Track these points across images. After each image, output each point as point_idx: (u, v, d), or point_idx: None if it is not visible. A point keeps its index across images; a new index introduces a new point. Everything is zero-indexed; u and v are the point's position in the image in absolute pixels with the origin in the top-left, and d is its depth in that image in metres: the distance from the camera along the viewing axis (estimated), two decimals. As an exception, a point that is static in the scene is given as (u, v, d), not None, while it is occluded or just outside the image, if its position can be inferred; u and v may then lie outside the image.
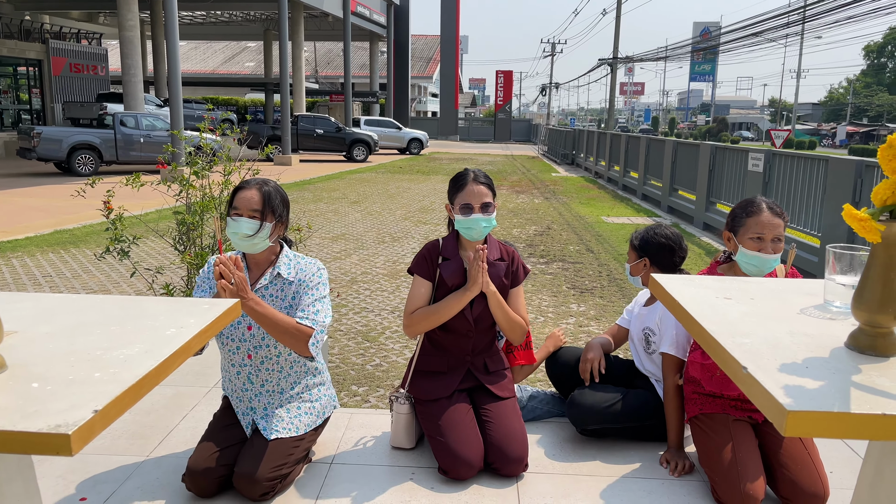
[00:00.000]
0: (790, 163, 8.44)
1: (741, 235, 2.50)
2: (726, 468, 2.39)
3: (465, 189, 2.66)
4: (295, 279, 2.52)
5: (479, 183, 2.67)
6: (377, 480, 2.55)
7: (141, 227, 6.88)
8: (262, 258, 2.55)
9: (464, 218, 2.64)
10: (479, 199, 2.65)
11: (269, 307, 2.37)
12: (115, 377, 1.17)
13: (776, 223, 2.47)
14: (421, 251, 2.77)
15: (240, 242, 2.46)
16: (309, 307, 2.47)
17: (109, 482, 2.47)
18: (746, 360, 1.05)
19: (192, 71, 48.03)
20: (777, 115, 71.18)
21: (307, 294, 2.50)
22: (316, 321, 2.44)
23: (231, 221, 2.45)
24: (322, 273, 2.57)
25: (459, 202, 2.66)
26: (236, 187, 2.54)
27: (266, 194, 2.48)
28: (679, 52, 35.76)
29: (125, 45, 16.92)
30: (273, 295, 2.52)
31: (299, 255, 2.61)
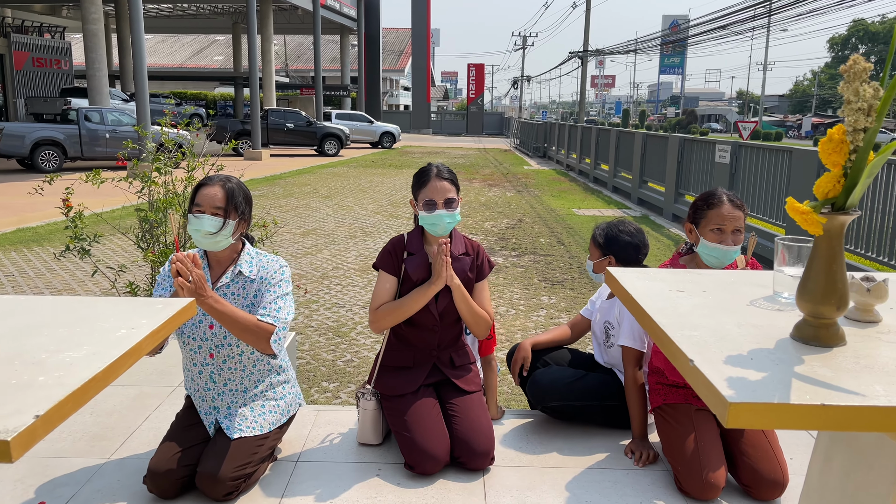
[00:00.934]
0: (756, 154, 8.57)
1: (702, 227, 2.53)
2: (689, 457, 2.43)
3: (428, 185, 2.64)
4: (257, 277, 2.49)
5: (442, 179, 2.65)
6: (343, 477, 2.54)
7: (103, 225, 6.76)
8: (224, 256, 2.51)
9: (427, 214, 2.63)
10: (442, 196, 2.64)
11: (228, 304, 2.33)
12: (59, 381, 1.15)
13: (736, 215, 2.50)
14: (386, 246, 2.76)
15: (202, 240, 2.42)
16: (270, 304, 2.44)
17: (69, 485, 2.43)
18: (693, 352, 1.06)
19: (159, 65, 47.26)
20: (745, 107, 72.18)
21: (269, 291, 2.47)
22: (278, 318, 2.42)
23: (193, 218, 2.41)
24: (284, 271, 2.55)
25: (423, 198, 2.65)
26: (198, 183, 2.50)
27: (229, 191, 2.44)
28: (649, 45, 36.07)
29: (89, 38, 16.57)
30: (235, 293, 2.49)
31: (262, 253, 2.58)
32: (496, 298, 5.82)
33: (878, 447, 1.15)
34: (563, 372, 2.88)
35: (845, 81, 1.02)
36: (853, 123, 1.01)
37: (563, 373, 2.88)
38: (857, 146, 1.02)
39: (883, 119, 1.02)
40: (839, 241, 1.10)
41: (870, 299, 1.27)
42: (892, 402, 0.94)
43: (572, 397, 2.82)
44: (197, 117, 27.33)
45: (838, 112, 1.02)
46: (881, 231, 6.24)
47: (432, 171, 2.68)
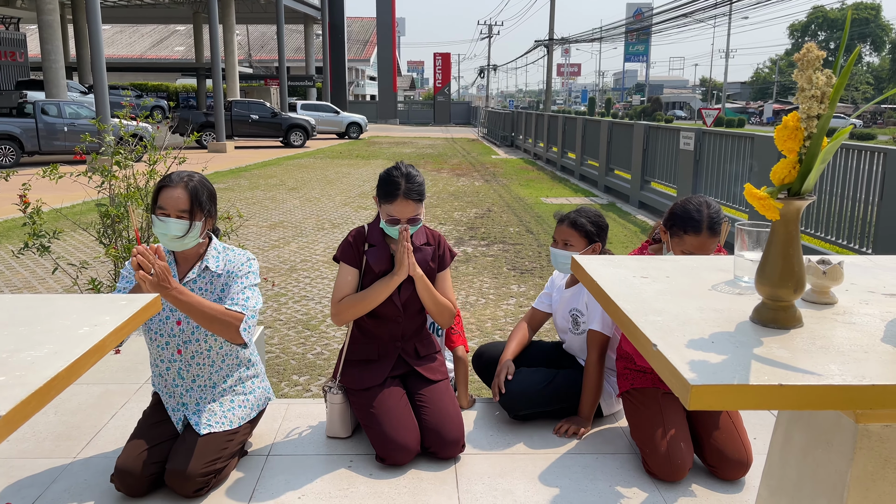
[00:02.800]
0: (719, 141, 8.71)
1: (675, 243, 2.51)
2: (657, 440, 2.47)
3: (394, 204, 2.56)
4: (223, 271, 2.47)
5: (410, 199, 2.56)
6: (315, 470, 2.53)
7: (63, 221, 6.61)
8: (191, 253, 2.48)
9: (390, 227, 2.62)
10: (406, 215, 2.58)
11: (193, 295, 2.30)
12: (20, 380, 1.12)
13: (710, 244, 2.47)
14: (346, 238, 2.74)
15: (169, 243, 2.38)
16: (238, 295, 2.42)
17: (35, 486, 2.38)
18: (656, 337, 1.08)
19: (118, 56, 46.18)
20: (708, 94, 73.22)
21: (236, 283, 2.45)
22: (246, 307, 2.40)
23: (158, 221, 2.35)
24: (252, 263, 2.52)
25: (387, 212, 2.59)
26: (160, 183, 2.43)
27: (192, 191, 2.38)
28: (613, 34, 36.33)
29: (44, 29, 16.14)
30: (202, 288, 2.46)
31: (229, 247, 2.55)
32: (466, 288, 5.84)
33: (835, 425, 1.19)
34: (533, 378, 2.87)
35: (799, 69, 1.05)
36: (807, 111, 1.04)
37: (533, 379, 2.86)
38: (811, 133, 1.05)
39: (836, 106, 1.05)
40: (795, 225, 1.13)
41: (826, 282, 1.30)
42: (846, 380, 0.97)
43: (543, 403, 2.84)
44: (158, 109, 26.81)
45: (792, 99, 1.05)
46: (837, 214, 6.41)
47: (400, 188, 2.56)
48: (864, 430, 1.11)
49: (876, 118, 51.88)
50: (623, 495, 2.39)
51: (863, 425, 1.11)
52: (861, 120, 46.07)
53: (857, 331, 1.18)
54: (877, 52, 75.94)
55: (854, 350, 1.09)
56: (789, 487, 1.31)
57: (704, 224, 2.46)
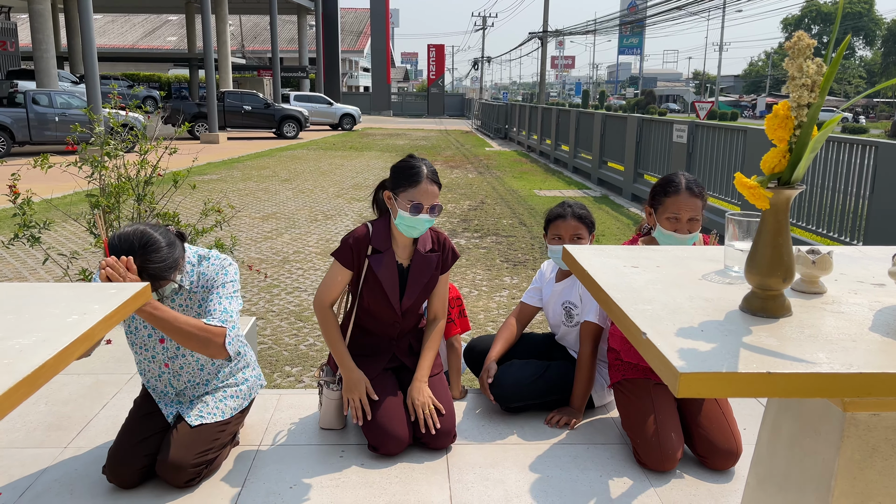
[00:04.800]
0: (712, 134, 8.72)
1: (659, 214, 2.55)
2: (647, 431, 2.49)
3: (419, 187, 2.46)
4: (199, 286, 2.36)
5: (433, 182, 2.50)
6: (307, 460, 2.53)
7: (53, 212, 6.57)
8: None
9: (410, 216, 2.49)
10: (430, 201, 2.49)
11: (169, 311, 2.17)
12: (8, 368, 1.12)
13: (693, 204, 2.50)
14: (348, 238, 2.61)
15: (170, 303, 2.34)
16: (216, 306, 2.31)
17: (25, 476, 2.37)
18: (646, 325, 1.08)
19: (110, 46, 45.82)
20: (701, 88, 73.29)
21: (213, 294, 2.34)
22: (224, 319, 2.29)
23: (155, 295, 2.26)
24: (227, 270, 2.39)
25: (409, 198, 2.47)
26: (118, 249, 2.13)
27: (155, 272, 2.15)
28: (607, 26, 36.31)
29: (35, 18, 15.99)
30: (181, 305, 2.37)
31: (204, 255, 2.41)
32: (459, 280, 5.84)
33: (823, 414, 1.20)
34: (524, 370, 2.86)
35: (790, 58, 1.05)
36: (797, 99, 1.04)
37: (524, 371, 2.86)
38: (801, 122, 1.05)
39: (826, 95, 1.05)
40: (785, 214, 1.13)
41: (815, 271, 1.31)
42: (834, 368, 0.98)
43: (535, 395, 2.84)
44: (150, 100, 26.61)
45: (782, 88, 1.05)
46: (827, 206, 6.43)
47: (423, 171, 2.49)
48: (851, 418, 1.12)
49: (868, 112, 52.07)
50: (613, 484, 2.40)
51: (850, 414, 1.12)
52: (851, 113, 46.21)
53: (846, 320, 1.19)
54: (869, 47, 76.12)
55: (842, 339, 1.10)
56: (777, 476, 1.32)
57: (682, 184, 2.52)
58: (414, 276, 2.65)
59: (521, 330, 3.11)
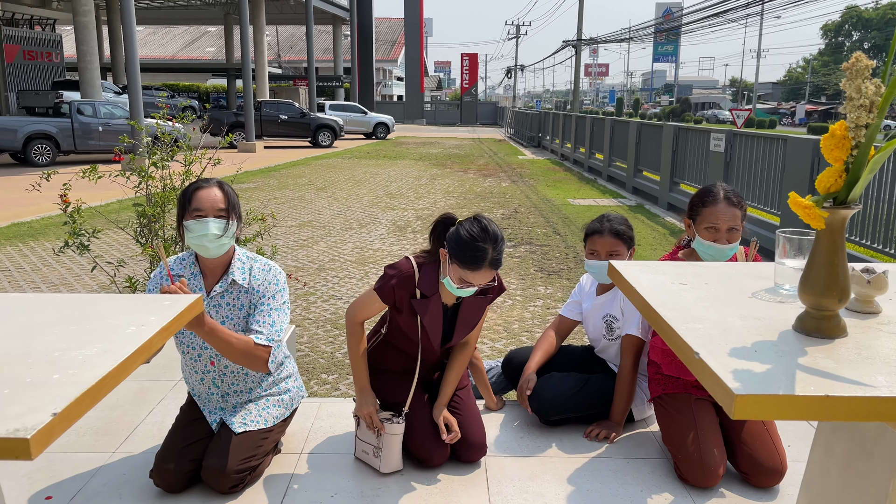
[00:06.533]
0: (750, 143, 8.59)
1: (698, 224, 2.53)
2: (689, 446, 2.46)
3: (475, 272, 2.29)
4: (250, 287, 2.43)
5: (491, 269, 2.31)
6: (347, 469, 2.56)
7: (100, 220, 6.75)
8: (217, 263, 2.43)
9: (456, 287, 2.38)
10: (481, 282, 2.35)
11: (223, 330, 2.26)
12: (73, 379, 1.16)
13: (732, 214, 2.48)
14: (393, 277, 2.48)
15: (208, 244, 2.33)
16: (265, 318, 2.39)
17: (75, 480, 2.44)
18: (698, 345, 1.08)
19: (150, 56, 46.95)
20: (738, 95, 72.21)
21: (263, 304, 2.42)
22: (272, 338, 2.38)
23: (195, 224, 2.31)
24: (279, 279, 2.48)
25: (461, 275, 2.33)
26: (191, 187, 2.39)
27: (227, 192, 2.40)
28: (642, 34, 36.03)
29: (80, 30, 16.46)
30: (229, 303, 2.44)
31: (252, 256, 2.51)
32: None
33: (878, 436, 1.18)
34: (565, 383, 2.84)
35: (847, 79, 1.04)
36: (855, 120, 1.03)
37: (565, 384, 2.84)
38: (858, 142, 1.04)
39: (884, 116, 1.04)
40: (841, 234, 1.12)
41: (870, 291, 1.29)
42: (893, 392, 0.97)
43: (575, 409, 2.83)
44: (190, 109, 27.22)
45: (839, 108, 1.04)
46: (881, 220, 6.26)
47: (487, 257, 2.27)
48: (909, 441, 1.10)
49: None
50: (654, 500, 2.38)
51: (908, 437, 1.10)
52: (895, 121, 45.01)
53: (903, 341, 1.17)
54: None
55: (900, 361, 1.08)
56: (830, 499, 1.30)
57: (720, 194, 2.49)
58: (463, 318, 2.57)
59: (559, 343, 3.10)
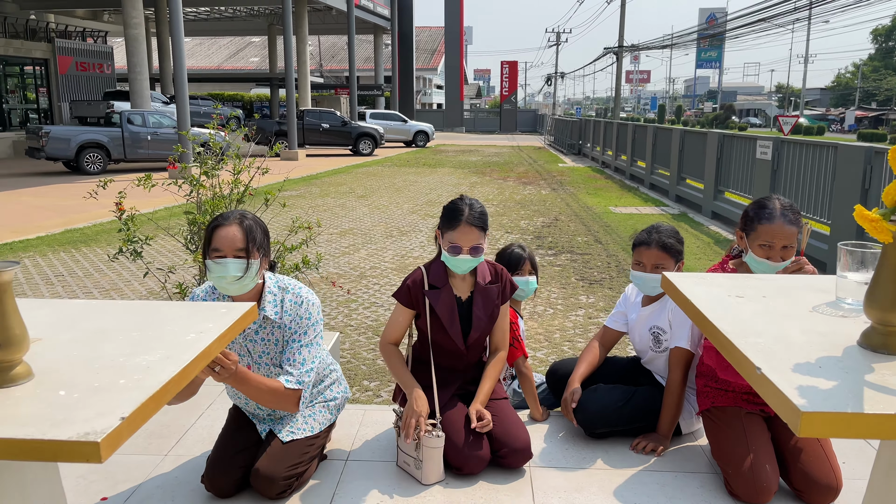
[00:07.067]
0: (799, 150, 8.40)
1: (752, 240, 2.45)
2: (740, 461, 2.41)
3: (457, 230, 2.54)
4: (282, 322, 2.42)
5: (472, 225, 2.54)
6: (392, 477, 2.57)
7: (151, 226, 6.93)
8: (248, 297, 2.39)
9: (450, 256, 2.58)
10: (468, 243, 2.54)
11: (254, 378, 2.25)
12: (138, 384, 1.19)
13: (787, 232, 2.39)
14: (405, 280, 2.72)
15: (228, 286, 2.29)
16: (295, 356, 2.38)
17: (129, 481, 2.51)
18: (760, 360, 1.06)
19: (197, 67, 48.10)
20: (785, 101, 70.66)
21: (294, 340, 2.42)
22: (301, 380, 2.36)
23: (215, 265, 2.26)
24: (311, 312, 2.44)
25: (449, 240, 2.57)
26: (212, 224, 2.33)
27: (248, 229, 2.29)
28: (685, 40, 35.57)
29: (130, 42, 16.94)
30: (265, 339, 2.44)
31: (284, 287, 2.45)
32: (533, 298, 5.81)
33: (947, 456, 1.14)
34: (611, 395, 2.82)
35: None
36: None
37: (611, 396, 2.82)
38: (929, 153, 1.01)
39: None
40: (909, 248, 1.09)
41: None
42: (967, 411, 0.93)
43: (621, 422, 2.80)
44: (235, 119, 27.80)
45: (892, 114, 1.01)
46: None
47: (464, 212, 2.55)
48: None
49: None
50: (704, 516, 2.34)
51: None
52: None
53: (974, 358, 1.13)
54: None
55: (972, 379, 1.04)
56: (895, 519, 1.26)
57: (777, 211, 2.41)
58: (477, 309, 2.69)
59: (604, 354, 3.07)
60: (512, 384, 3.23)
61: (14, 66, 24.33)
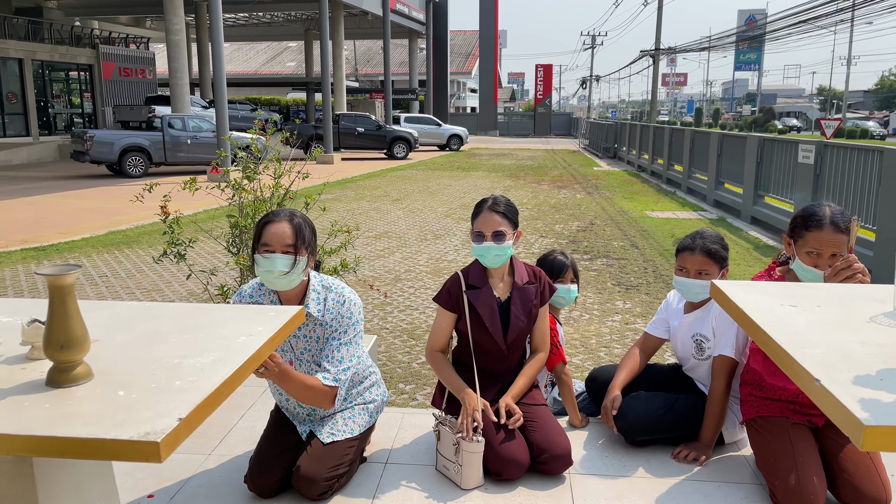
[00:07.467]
0: (843, 154, 8.21)
1: (799, 247, 2.38)
2: (786, 472, 2.36)
3: (480, 216, 2.66)
4: (324, 320, 2.47)
5: (494, 211, 2.65)
6: (431, 481, 2.58)
7: (192, 228, 7.06)
8: (293, 293, 2.45)
9: (476, 245, 2.66)
10: (490, 228, 2.62)
11: (294, 375, 2.29)
12: (194, 385, 1.22)
13: (837, 240, 2.30)
14: (445, 283, 2.79)
15: (276, 281, 2.35)
16: (333, 353, 2.43)
17: (175, 479, 2.56)
18: (818, 371, 1.04)
19: (235, 72, 48.91)
20: (827, 104, 69.11)
21: (334, 338, 2.46)
22: (338, 377, 2.41)
23: (263, 259, 2.33)
24: (352, 312, 2.49)
25: (473, 228, 2.68)
26: (262, 220, 2.40)
27: (297, 227, 2.37)
28: (723, 42, 35.02)
29: (172, 48, 17.32)
30: (306, 335, 2.49)
31: (328, 286, 2.51)
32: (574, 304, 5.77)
33: None
34: (652, 403, 2.79)
35: None
36: None
37: (652, 404, 2.79)
38: None
39: None
40: (974, 258, 1.06)
41: None
42: None
43: (663, 430, 2.77)
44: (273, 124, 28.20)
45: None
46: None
47: (487, 201, 2.69)
48: None
49: None
50: (749, 528, 2.29)
51: None
52: None
53: None
54: None
55: None
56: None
57: (826, 218, 2.33)
58: (515, 308, 2.72)
59: (644, 361, 3.04)
60: (552, 392, 3.21)
61: (60, 72, 25.06)
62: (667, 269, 7.05)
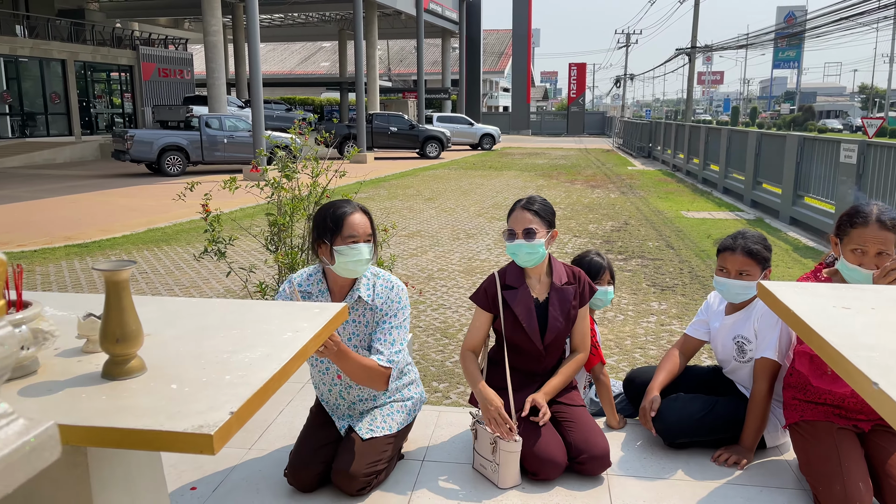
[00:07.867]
0: (887, 154, 8.00)
1: (844, 245, 2.35)
2: (831, 478, 2.31)
3: (513, 214, 2.69)
4: (374, 304, 2.54)
5: (527, 209, 2.67)
6: (468, 479, 2.59)
7: (231, 226, 7.17)
8: (346, 281, 2.56)
9: (508, 243, 2.68)
10: (521, 225, 2.64)
11: (352, 354, 2.38)
12: (243, 380, 1.24)
13: (883, 237, 2.27)
14: (482, 283, 2.80)
15: (357, 268, 2.47)
16: (386, 336, 2.51)
17: (217, 473, 2.61)
18: (876, 374, 1.02)
19: (270, 72, 49.52)
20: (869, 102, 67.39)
21: (386, 322, 2.54)
22: (392, 359, 2.48)
23: (349, 249, 2.43)
24: (401, 297, 2.58)
25: (507, 226, 2.71)
26: (337, 212, 2.49)
27: (369, 216, 2.54)
28: (762, 40, 34.39)
29: (209, 49, 17.59)
30: (355, 320, 2.55)
31: (376, 273, 2.61)
32: (607, 304, 5.72)
33: None
34: (692, 405, 2.76)
35: None
36: None
37: (692, 406, 2.75)
38: None
39: None
40: None
41: None
42: None
43: (703, 432, 2.73)
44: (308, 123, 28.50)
45: None
46: None
47: (521, 200, 2.72)
48: None
49: None
50: (792, 534, 2.25)
51: None
52: None
53: None
54: None
55: None
56: None
57: (872, 215, 2.29)
58: (554, 309, 2.70)
59: (684, 363, 3.00)
60: (589, 392, 3.19)
61: (101, 73, 25.63)
62: (703, 270, 6.95)
